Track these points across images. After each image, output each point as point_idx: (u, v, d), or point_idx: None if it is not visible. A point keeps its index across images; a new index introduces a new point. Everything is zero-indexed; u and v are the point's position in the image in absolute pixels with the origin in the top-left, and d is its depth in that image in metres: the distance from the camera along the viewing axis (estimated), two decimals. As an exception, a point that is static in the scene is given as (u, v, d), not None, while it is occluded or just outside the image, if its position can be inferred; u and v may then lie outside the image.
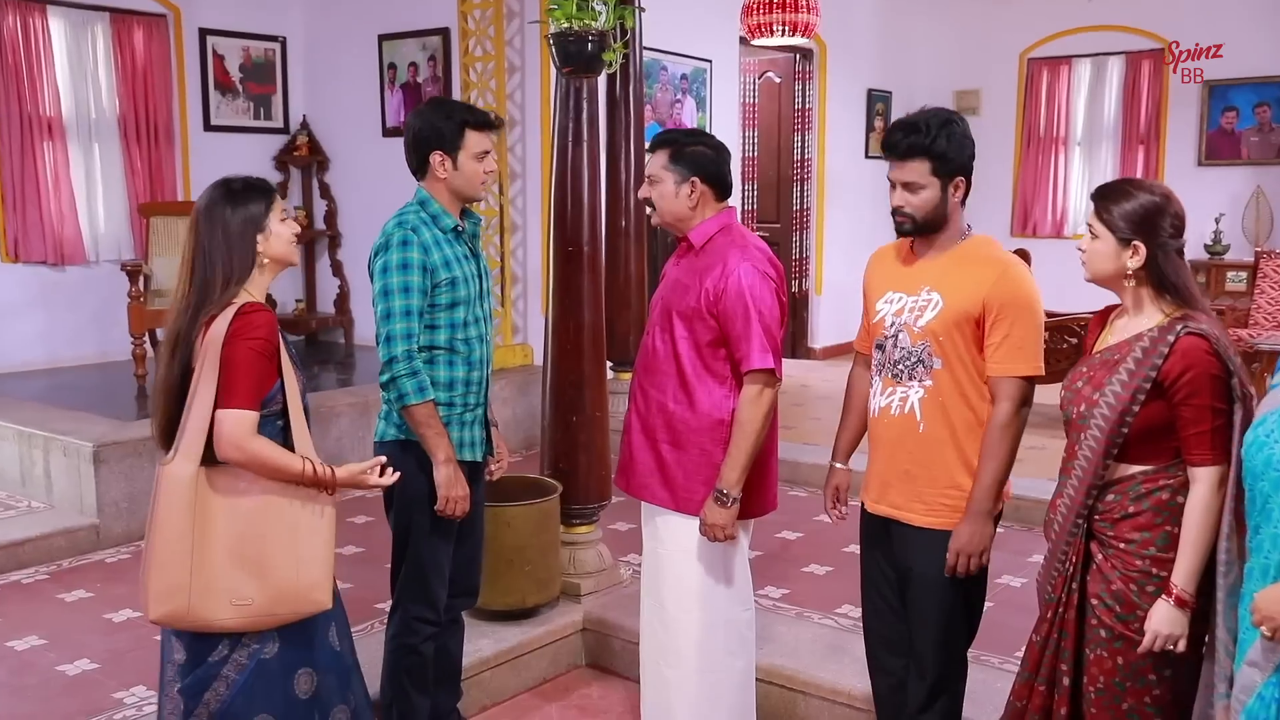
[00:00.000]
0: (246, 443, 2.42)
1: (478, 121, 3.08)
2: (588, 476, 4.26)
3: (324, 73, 8.33)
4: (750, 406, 2.89)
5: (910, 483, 2.76)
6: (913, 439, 2.75)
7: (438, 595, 3.17)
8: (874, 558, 2.94)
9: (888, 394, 2.79)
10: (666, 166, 2.98)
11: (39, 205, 7.11)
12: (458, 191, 3.08)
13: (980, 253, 2.72)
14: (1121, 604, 2.38)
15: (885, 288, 2.83)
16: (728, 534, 2.93)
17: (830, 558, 4.91)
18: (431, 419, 2.98)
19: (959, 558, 2.67)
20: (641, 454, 3.09)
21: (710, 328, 2.92)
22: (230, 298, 2.49)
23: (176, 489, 2.43)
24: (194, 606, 2.41)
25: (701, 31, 8.14)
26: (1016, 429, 2.67)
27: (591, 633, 4.17)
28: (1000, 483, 2.67)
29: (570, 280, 4.19)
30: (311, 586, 2.50)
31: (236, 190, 2.55)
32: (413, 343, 2.97)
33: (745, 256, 2.92)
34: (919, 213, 2.68)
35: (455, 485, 3.01)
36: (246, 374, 2.44)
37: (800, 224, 9.77)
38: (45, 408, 5.87)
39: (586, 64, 3.94)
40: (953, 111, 2.71)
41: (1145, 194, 2.39)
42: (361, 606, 4.29)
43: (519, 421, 6.86)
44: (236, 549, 2.44)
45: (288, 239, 2.61)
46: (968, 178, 2.69)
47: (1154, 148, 9.59)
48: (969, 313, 2.65)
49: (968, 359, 2.68)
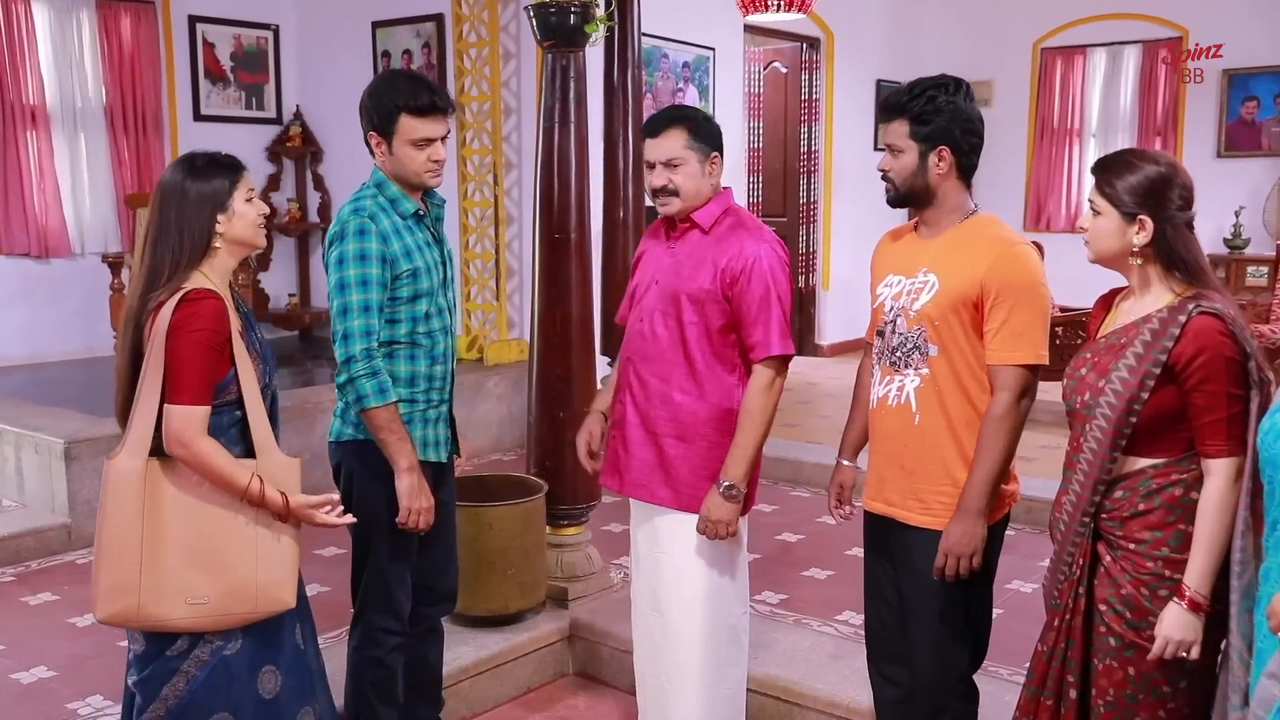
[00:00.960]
0: (193, 441, 2.29)
1: (415, 106, 2.77)
2: (575, 475, 4.05)
3: (317, 61, 8.18)
4: (763, 395, 2.74)
5: (906, 478, 2.57)
6: (908, 431, 2.56)
7: (401, 604, 2.97)
8: (876, 561, 2.75)
9: (885, 383, 2.61)
10: (689, 145, 2.78)
11: (22, 196, 6.96)
12: (400, 179, 2.85)
13: (981, 232, 2.53)
14: (1132, 609, 2.21)
15: (886, 270, 2.66)
16: (731, 530, 2.75)
17: (832, 561, 4.70)
18: (393, 423, 2.75)
19: (947, 559, 2.47)
20: (640, 450, 2.88)
21: (724, 311, 2.76)
22: (180, 282, 2.33)
23: (123, 483, 2.31)
24: (145, 605, 2.30)
25: (704, 18, 7.96)
26: (1015, 421, 2.46)
27: (579, 640, 3.98)
28: (995, 479, 2.46)
29: (556, 269, 3.99)
30: (273, 584, 2.39)
31: (199, 165, 2.40)
32: (372, 340, 2.75)
33: (762, 238, 2.78)
34: (897, 178, 2.54)
35: (419, 496, 2.79)
36: (193, 368, 2.30)
37: (807, 218, 9.59)
38: (20, 403, 5.70)
39: (568, 37, 3.73)
40: (956, 81, 2.51)
41: (1150, 164, 2.22)
42: (337, 611, 4.09)
43: (514, 419, 6.67)
44: (191, 545, 2.32)
45: (253, 220, 2.44)
46: (956, 149, 2.49)
47: (1171, 139, 9.35)
48: (966, 295, 2.46)
49: (966, 346, 2.48)
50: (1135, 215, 2.21)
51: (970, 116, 2.50)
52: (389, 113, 2.78)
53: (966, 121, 2.49)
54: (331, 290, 2.77)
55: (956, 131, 2.48)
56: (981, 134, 2.53)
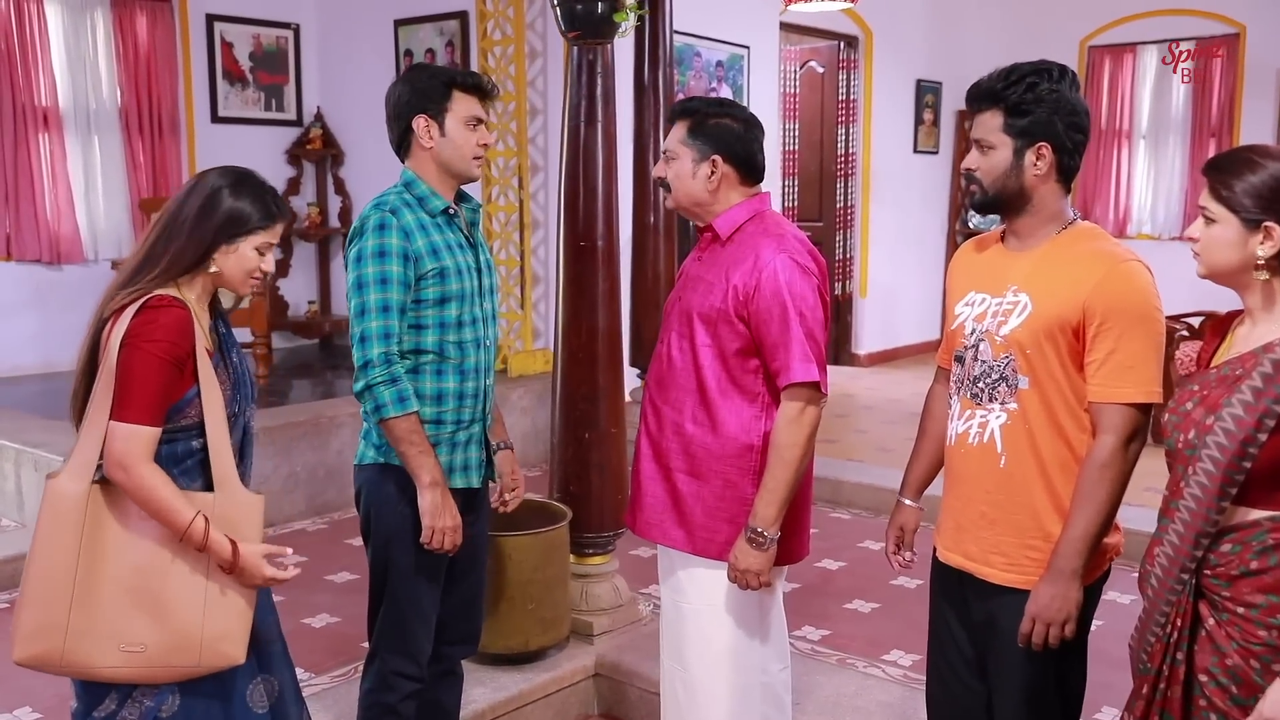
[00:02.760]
0: (135, 466, 2.02)
1: (467, 82, 2.65)
2: (601, 500, 3.78)
3: (338, 61, 7.96)
4: (790, 428, 2.38)
5: (988, 528, 2.23)
6: (992, 475, 2.21)
7: (420, 646, 2.71)
8: (945, 614, 2.41)
9: (965, 418, 2.27)
10: (684, 141, 2.49)
11: (34, 201, 6.76)
12: (447, 165, 2.64)
13: (1083, 246, 2.16)
14: (1239, 684, 1.87)
15: (968, 287, 2.30)
16: (763, 580, 2.42)
17: (877, 592, 4.38)
18: (414, 434, 2.52)
19: (1035, 624, 2.13)
20: (652, 485, 2.58)
21: (739, 333, 2.42)
22: (153, 288, 2.08)
23: (61, 507, 2.05)
24: (70, 650, 2.05)
25: (738, 16, 7.68)
26: (1120, 469, 2.11)
27: (605, 679, 3.69)
28: (1095, 536, 2.11)
29: (582, 278, 3.70)
30: (219, 637, 2.11)
31: (246, 182, 2.16)
32: (391, 344, 2.52)
33: (781, 247, 2.41)
34: (986, 178, 2.19)
35: (443, 513, 2.54)
36: (144, 383, 2.03)
37: (844, 222, 9.28)
38: (23, 416, 5.50)
39: (595, 27, 3.43)
40: (1061, 68, 2.17)
41: (1275, 162, 1.89)
42: (348, 645, 3.85)
43: (539, 433, 6.40)
44: (130, 583, 2.07)
45: (246, 269, 2.18)
46: (1058, 147, 2.14)
47: (1226, 141, 8.96)
48: (1064, 320, 2.11)
49: (1063, 379, 2.14)
50: (1260, 222, 1.88)
51: (1076, 109, 2.15)
52: (440, 89, 2.62)
53: (1071, 114, 2.14)
54: (349, 290, 2.58)
55: (1059, 125, 2.13)
56: (1087, 130, 2.18)
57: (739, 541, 2.43)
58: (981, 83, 2.21)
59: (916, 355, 9.84)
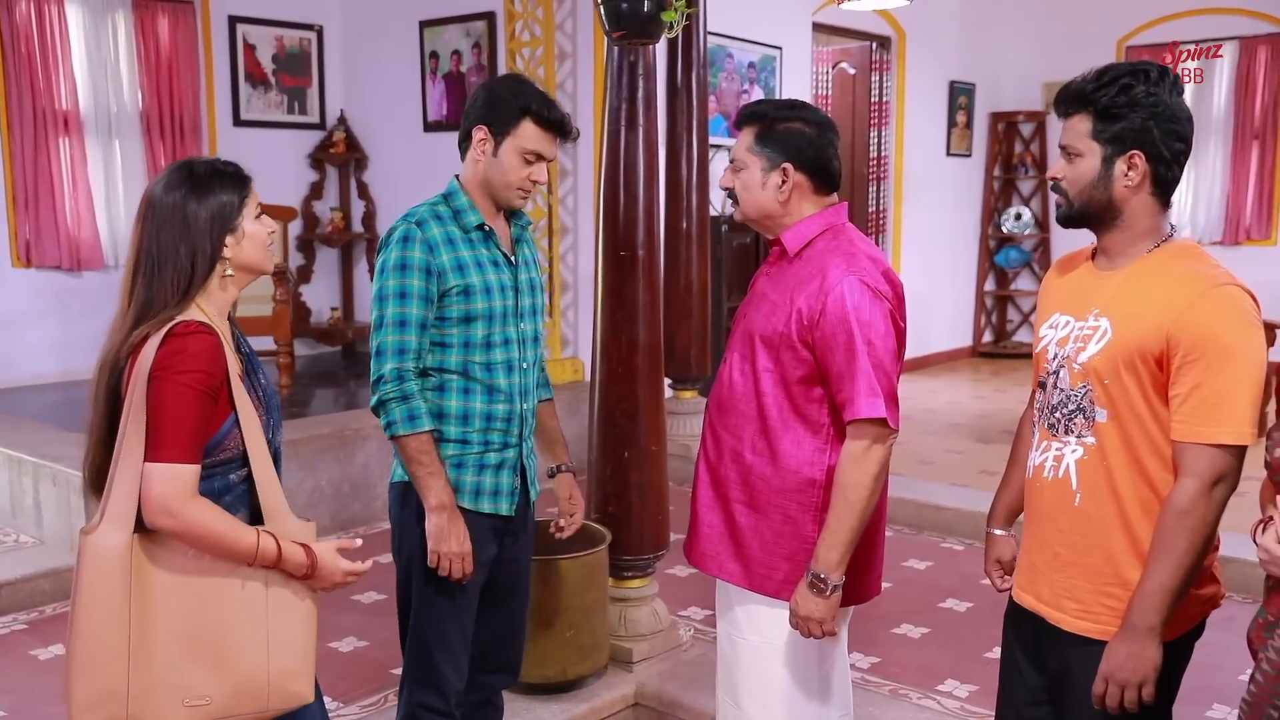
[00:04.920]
0: (182, 507, 1.86)
1: (544, 116, 2.49)
2: (641, 521, 3.61)
3: (363, 63, 7.82)
4: (854, 467, 2.18)
5: (1060, 570, 2.05)
6: (1067, 513, 2.03)
7: (446, 677, 2.59)
8: (1015, 655, 2.23)
9: (1042, 450, 2.09)
10: (752, 148, 2.30)
11: (53, 206, 6.63)
12: (488, 185, 2.52)
13: (1175, 266, 1.96)
14: None
15: (1054, 308, 2.12)
16: (826, 629, 2.23)
17: (926, 616, 4.20)
18: (423, 454, 2.43)
19: (1109, 685, 1.93)
20: (709, 514, 2.42)
21: (803, 360, 2.23)
22: (174, 314, 1.92)
23: (104, 565, 1.88)
24: (135, 716, 1.89)
25: (771, 17, 7.52)
26: (1202, 517, 1.88)
27: (645, 709, 3.53)
28: (1176, 589, 1.89)
29: (622, 290, 3.54)
30: (287, 676, 1.98)
31: (200, 176, 1.98)
32: (406, 360, 2.43)
33: (851, 267, 2.21)
34: (1072, 189, 2.01)
35: (448, 538, 2.44)
36: (178, 418, 1.87)
37: (876, 227, 9.10)
38: (41, 428, 5.35)
39: (641, 27, 3.26)
40: (1160, 69, 1.96)
41: None
42: (379, 672, 3.70)
43: (569, 444, 6.22)
44: (188, 635, 1.91)
45: (262, 242, 2.05)
46: (1153, 156, 1.95)
47: (1270, 145, 8.70)
48: (1146, 348, 1.91)
49: (1145, 413, 1.93)
50: None
51: (1176, 115, 1.95)
52: (513, 112, 2.48)
53: (1170, 121, 1.95)
54: (372, 301, 2.50)
55: (1155, 133, 1.94)
56: (1189, 139, 1.99)
57: (800, 586, 2.25)
58: (1071, 84, 2.02)
59: (948, 363, 9.63)
